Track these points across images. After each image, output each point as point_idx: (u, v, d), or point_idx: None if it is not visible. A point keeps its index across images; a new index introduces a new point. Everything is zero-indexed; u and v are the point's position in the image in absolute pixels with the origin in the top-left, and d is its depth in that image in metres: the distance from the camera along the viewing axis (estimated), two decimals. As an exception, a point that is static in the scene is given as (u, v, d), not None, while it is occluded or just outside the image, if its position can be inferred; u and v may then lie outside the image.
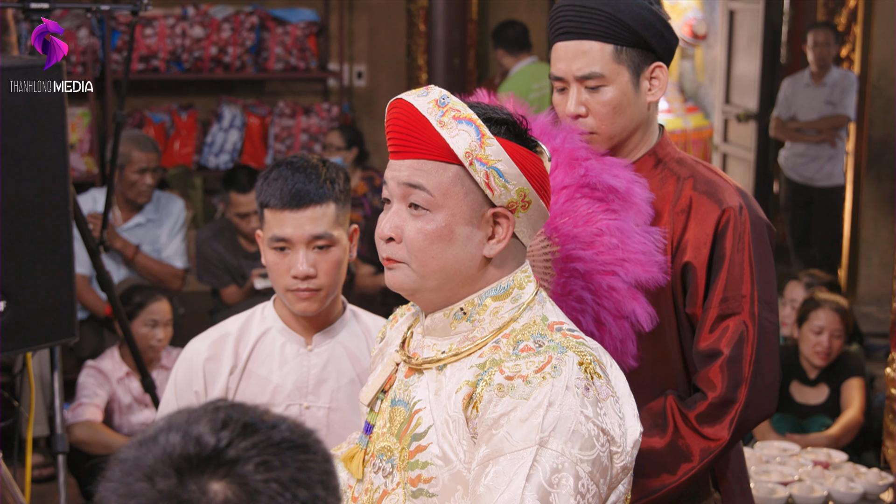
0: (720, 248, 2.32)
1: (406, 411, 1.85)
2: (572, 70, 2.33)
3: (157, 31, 7.32)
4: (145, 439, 1.20)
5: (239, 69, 7.49)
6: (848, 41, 7.37)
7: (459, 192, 1.78)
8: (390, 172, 1.83)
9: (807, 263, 7.19)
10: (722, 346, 2.29)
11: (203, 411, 1.23)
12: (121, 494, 1.17)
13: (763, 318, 2.31)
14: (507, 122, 1.82)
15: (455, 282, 1.82)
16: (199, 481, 1.15)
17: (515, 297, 1.84)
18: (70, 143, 4.59)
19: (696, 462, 2.30)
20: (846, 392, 4.73)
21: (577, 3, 2.34)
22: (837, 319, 4.75)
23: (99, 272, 3.76)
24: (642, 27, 2.31)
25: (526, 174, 1.79)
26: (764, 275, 2.33)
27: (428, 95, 1.81)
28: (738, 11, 8.29)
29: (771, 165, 7.95)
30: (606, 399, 1.74)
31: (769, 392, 2.33)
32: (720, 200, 2.33)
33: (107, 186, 4.11)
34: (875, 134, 7.33)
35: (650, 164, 2.42)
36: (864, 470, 3.92)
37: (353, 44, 7.98)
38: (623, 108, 2.34)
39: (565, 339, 1.77)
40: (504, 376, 1.72)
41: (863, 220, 7.40)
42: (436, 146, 1.77)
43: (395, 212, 1.82)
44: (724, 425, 2.29)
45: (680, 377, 2.40)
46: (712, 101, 8.96)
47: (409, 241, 1.80)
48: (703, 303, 2.32)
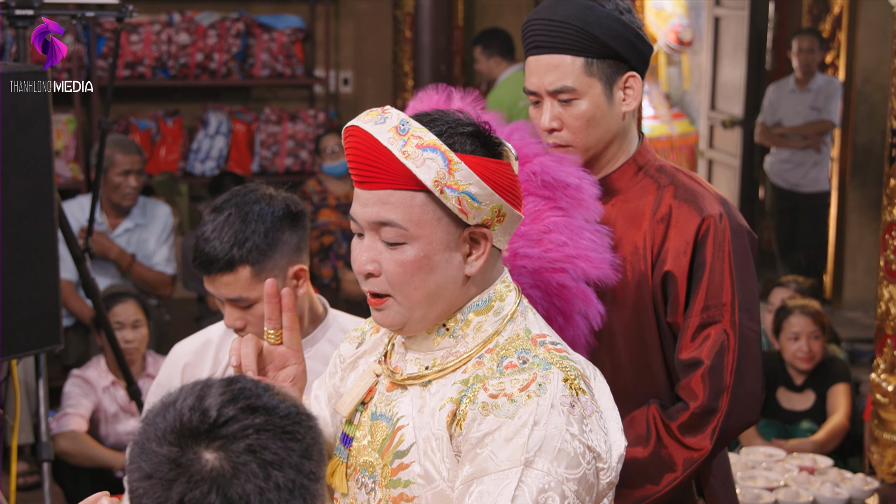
0: (700, 256, 2.31)
1: (388, 427, 1.82)
2: (544, 84, 2.34)
3: (142, 37, 7.31)
4: (167, 402, 1.41)
5: (225, 76, 7.48)
6: (832, 47, 7.40)
7: (432, 218, 1.73)
8: (358, 207, 1.77)
9: (792, 269, 7.22)
10: (703, 356, 2.29)
11: (220, 383, 1.42)
12: (138, 453, 1.39)
13: (744, 326, 2.31)
14: (472, 133, 1.76)
15: (441, 306, 1.79)
16: (196, 449, 1.36)
17: (497, 310, 1.81)
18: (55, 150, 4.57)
19: (679, 472, 2.30)
20: (832, 398, 4.74)
21: (546, 16, 2.33)
22: (811, 321, 4.78)
23: (84, 279, 3.75)
24: (612, 39, 2.30)
25: (498, 190, 1.74)
26: (745, 283, 2.32)
27: (386, 122, 1.72)
28: (723, 18, 8.31)
29: (756, 171, 7.97)
30: (591, 415, 1.72)
31: (751, 400, 2.33)
32: (700, 208, 2.33)
33: (92, 192, 4.10)
34: (860, 140, 7.36)
35: (630, 172, 2.42)
36: (850, 475, 3.93)
37: (340, 50, 7.98)
38: (597, 120, 2.34)
39: (549, 354, 1.74)
40: (488, 394, 1.70)
41: (848, 225, 7.43)
42: (401, 176, 1.71)
43: (370, 245, 1.77)
44: (707, 434, 2.29)
45: (663, 386, 2.39)
46: (698, 107, 8.99)
47: (389, 275, 1.76)
48: (685, 311, 2.32)
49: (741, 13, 7.91)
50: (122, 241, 5.49)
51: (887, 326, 3.77)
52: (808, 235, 7.40)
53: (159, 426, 1.38)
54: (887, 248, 3.74)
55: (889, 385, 3.74)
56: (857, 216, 7.42)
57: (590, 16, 2.30)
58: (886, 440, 3.78)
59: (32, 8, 3.15)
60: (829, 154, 7.31)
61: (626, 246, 2.36)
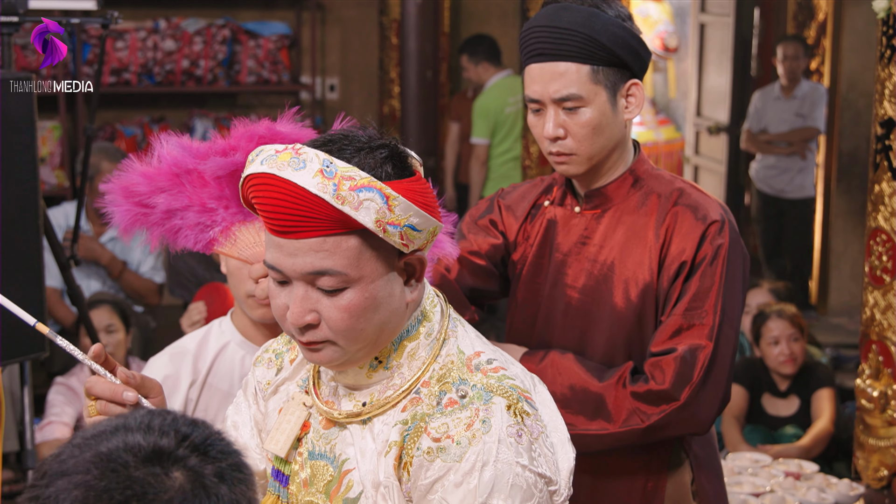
0: (696, 260, 2.31)
1: (333, 469, 1.74)
2: (549, 92, 2.30)
3: (128, 44, 7.30)
4: (98, 434, 1.26)
5: (211, 82, 7.47)
6: (817, 54, 7.43)
7: (370, 257, 1.62)
8: (282, 257, 1.61)
9: (778, 275, 7.24)
10: (678, 347, 2.28)
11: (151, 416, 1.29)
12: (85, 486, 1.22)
13: (723, 333, 2.30)
14: (388, 157, 1.63)
15: (385, 338, 1.69)
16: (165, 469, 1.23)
17: (428, 332, 1.72)
18: (41, 157, 4.56)
19: (613, 427, 2.28)
20: (816, 403, 4.75)
21: (549, 24, 2.30)
22: (788, 324, 4.79)
23: (70, 286, 3.74)
24: (619, 46, 2.28)
25: (432, 212, 1.65)
26: (732, 292, 2.32)
27: (307, 166, 1.56)
28: (708, 25, 8.34)
29: (742, 177, 7.99)
30: (538, 437, 1.66)
31: (709, 409, 2.30)
32: (704, 216, 2.33)
33: (77, 200, 4.09)
34: (845, 146, 7.38)
35: (629, 182, 2.41)
36: (836, 480, 3.94)
37: (326, 57, 7.98)
38: (602, 128, 2.32)
39: (486, 379, 1.66)
40: (431, 438, 1.62)
41: (833, 231, 7.45)
42: (335, 221, 1.57)
43: (304, 296, 1.63)
44: (652, 413, 2.27)
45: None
46: (683, 113, 9.00)
47: (332, 323, 1.63)
48: (671, 310, 2.31)
49: (726, 20, 7.94)
50: (108, 248, 5.49)
51: (872, 332, 3.78)
52: (794, 241, 7.42)
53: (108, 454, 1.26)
54: (872, 254, 3.75)
55: (874, 391, 3.75)
56: (842, 222, 7.44)
57: (596, 23, 2.27)
58: (872, 445, 3.79)
59: (17, 15, 3.14)
60: (815, 160, 7.34)
61: (629, 257, 2.36)
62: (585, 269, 2.40)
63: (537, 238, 2.49)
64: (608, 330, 2.37)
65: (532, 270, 2.49)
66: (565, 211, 2.47)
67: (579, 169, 2.37)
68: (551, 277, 2.45)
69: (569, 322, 2.43)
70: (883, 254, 3.71)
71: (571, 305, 2.42)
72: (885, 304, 3.72)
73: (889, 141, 3.66)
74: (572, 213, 2.46)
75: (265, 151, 1.60)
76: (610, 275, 2.37)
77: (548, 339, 2.46)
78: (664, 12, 9.09)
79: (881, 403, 3.75)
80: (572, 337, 2.42)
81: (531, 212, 2.53)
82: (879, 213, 3.72)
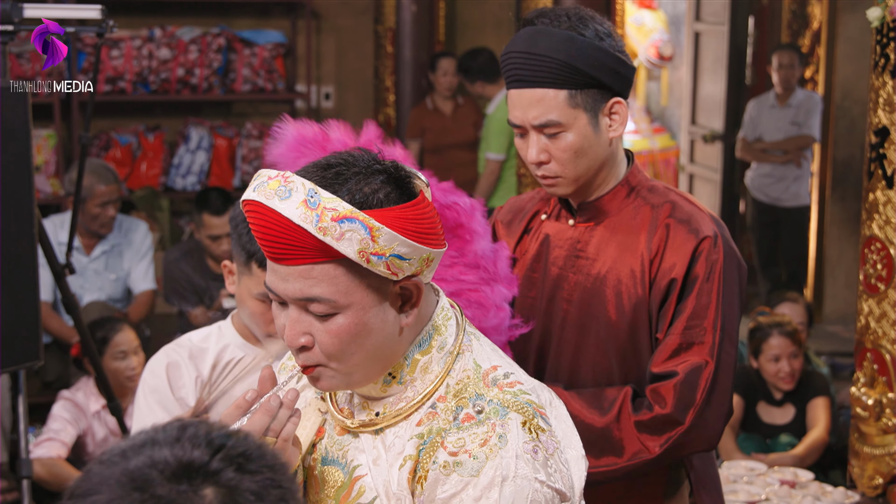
0: (692, 276, 2.30)
1: (344, 475, 1.76)
2: (528, 119, 2.29)
3: (123, 52, 7.30)
4: (125, 450, 1.20)
5: (206, 90, 7.47)
6: (812, 63, 7.45)
7: (359, 285, 1.63)
8: (277, 280, 1.65)
9: (773, 283, 7.24)
10: (678, 369, 2.28)
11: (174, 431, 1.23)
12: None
13: (724, 350, 2.30)
14: (384, 181, 1.63)
15: (382, 361, 1.71)
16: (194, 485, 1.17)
17: (441, 346, 1.73)
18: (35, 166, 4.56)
19: (622, 460, 2.28)
20: (812, 411, 4.75)
21: (525, 49, 2.28)
22: (789, 342, 4.78)
23: (64, 295, 3.72)
24: (595, 69, 2.26)
25: (423, 241, 1.63)
26: (729, 307, 2.31)
27: (292, 196, 1.57)
28: (703, 33, 8.35)
29: (737, 186, 8.00)
30: (553, 453, 1.67)
31: (715, 426, 2.31)
32: (696, 230, 2.32)
33: (72, 211, 4.07)
34: (839, 154, 7.40)
35: (622, 193, 2.40)
36: (831, 489, 3.94)
37: (321, 65, 7.98)
38: (584, 150, 2.31)
39: (503, 395, 1.67)
40: (448, 452, 1.64)
41: (828, 239, 7.46)
42: (320, 251, 1.59)
43: (298, 318, 1.66)
44: (660, 441, 2.27)
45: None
46: (678, 121, 9.01)
47: (323, 346, 1.66)
48: (668, 328, 2.31)
49: (721, 28, 7.95)
50: (100, 262, 5.49)
51: (867, 340, 3.78)
52: (789, 250, 7.43)
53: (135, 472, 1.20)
54: (867, 263, 3.76)
55: (869, 399, 3.75)
56: (836, 230, 7.45)
57: (571, 48, 2.25)
58: (867, 453, 3.79)
59: (12, 23, 3.14)
60: (809, 168, 7.35)
61: (622, 269, 2.35)
62: (580, 283, 2.40)
63: (531, 253, 2.50)
64: (602, 342, 2.37)
65: (525, 284, 2.48)
66: (560, 224, 2.47)
67: (567, 190, 2.37)
68: (547, 292, 2.45)
69: (565, 336, 2.42)
70: (877, 262, 3.72)
71: (567, 320, 2.42)
72: (880, 313, 3.73)
73: (883, 149, 3.67)
74: (566, 226, 2.46)
75: (260, 177, 1.62)
76: (603, 288, 2.37)
77: (545, 354, 2.46)
78: (659, 21, 9.10)
79: (876, 412, 3.75)
80: (568, 351, 2.42)
81: (528, 227, 2.53)
82: (874, 222, 3.72)
